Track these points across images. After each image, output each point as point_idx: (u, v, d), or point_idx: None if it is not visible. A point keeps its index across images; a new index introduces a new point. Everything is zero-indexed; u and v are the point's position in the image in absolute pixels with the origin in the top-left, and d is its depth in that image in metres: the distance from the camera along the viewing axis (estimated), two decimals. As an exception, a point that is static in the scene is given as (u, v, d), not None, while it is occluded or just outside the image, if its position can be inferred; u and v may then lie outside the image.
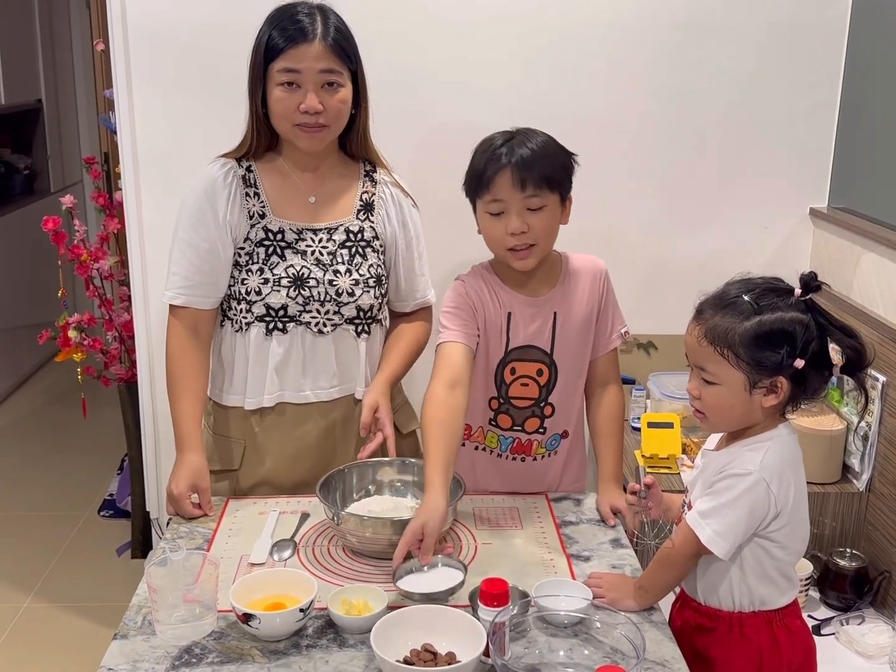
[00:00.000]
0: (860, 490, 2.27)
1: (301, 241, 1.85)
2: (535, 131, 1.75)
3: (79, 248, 2.99)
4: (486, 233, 1.77)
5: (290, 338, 1.85)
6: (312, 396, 1.89)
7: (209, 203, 1.82)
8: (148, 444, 2.67)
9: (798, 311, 1.39)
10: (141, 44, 2.41)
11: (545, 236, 1.74)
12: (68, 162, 5.56)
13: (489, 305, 1.81)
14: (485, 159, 1.72)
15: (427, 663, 1.29)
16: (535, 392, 1.83)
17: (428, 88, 2.50)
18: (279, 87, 1.75)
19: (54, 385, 4.92)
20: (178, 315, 1.86)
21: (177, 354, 1.86)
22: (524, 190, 1.69)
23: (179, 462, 1.81)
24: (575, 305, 1.82)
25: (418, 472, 1.79)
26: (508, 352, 1.82)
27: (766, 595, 1.47)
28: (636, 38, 2.52)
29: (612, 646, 1.39)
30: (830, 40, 2.54)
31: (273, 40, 1.74)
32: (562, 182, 1.73)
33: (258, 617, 1.38)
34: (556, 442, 1.88)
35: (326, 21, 1.76)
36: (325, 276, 1.84)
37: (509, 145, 1.71)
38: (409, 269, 1.97)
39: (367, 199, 1.91)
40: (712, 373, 1.43)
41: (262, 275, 1.83)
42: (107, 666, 1.36)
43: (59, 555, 3.34)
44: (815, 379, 1.41)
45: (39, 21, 5.09)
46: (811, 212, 2.66)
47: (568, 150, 1.77)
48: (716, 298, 1.44)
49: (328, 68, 1.74)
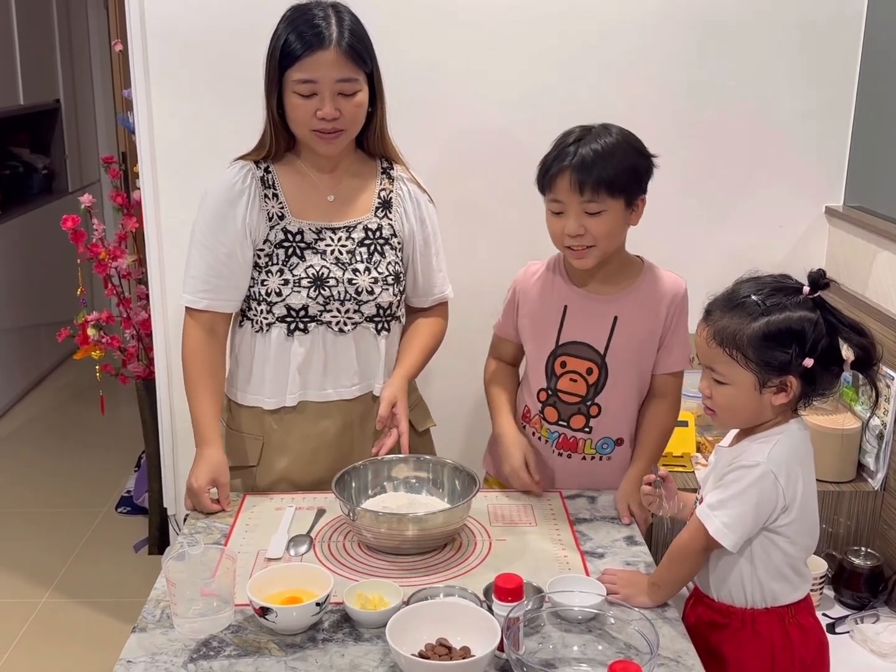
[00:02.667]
0: (875, 489, 2.26)
1: (320, 241, 1.86)
2: (610, 129, 1.73)
3: (97, 246, 3.01)
4: (549, 228, 1.78)
5: (312, 337, 1.86)
6: (335, 395, 1.90)
7: (228, 206, 1.83)
8: (165, 441, 2.69)
9: (806, 310, 1.39)
10: (159, 44, 2.43)
11: (604, 240, 1.73)
12: (86, 161, 5.60)
13: (544, 294, 1.83)
14: (553, 156, 1.73)
15: (442, 657, 1.30)
16: (583, 389, 1.83)
17: (443, 87, 2.50)
18: (296, 94, 1.75)
19: (73, 382, 4.96)
20: (195, 317, 1.87)
21: (194, 354, 1.87)
22: (582, 194, 1.68)
23: (199, 457, 1.82)
24: (641, 316, 1.80)
25: (433, 469, 1.81)
26: (560, 344, 1.83)
27: (777, 590, 1.47)
28: (652, 37, 2.52)
29: (626, 641, 1.39)
30: (846, 38, 2.54)
31: (289, 46, 1.73)
32: (627, 186, 1.70)
33: (275, 610, 1.39)
34: (608, 446, 1.87)
35: (341, 23, 1.74)
36: (344, 274, 1.85)
37: (577, 145, 1.70)
38: (427, 265, 1.97)
39: (384, 197, 1.91)
40: (722, 373, 1.44)
41: (282, 276, 1.84)
42: (126, 658, 1.38)
43: (77, 550, 3.37)
44: (825, 376, 1.42)
45: (58, 22, 5.12)
46: (826, 210, 2.65)
47: (644, 152, 1.74)
48: (724, 299, 1.45)
49: (344, 77, 1.74)
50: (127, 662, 1.37)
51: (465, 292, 2.10)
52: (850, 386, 2.39)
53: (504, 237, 2.56)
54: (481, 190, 2.54)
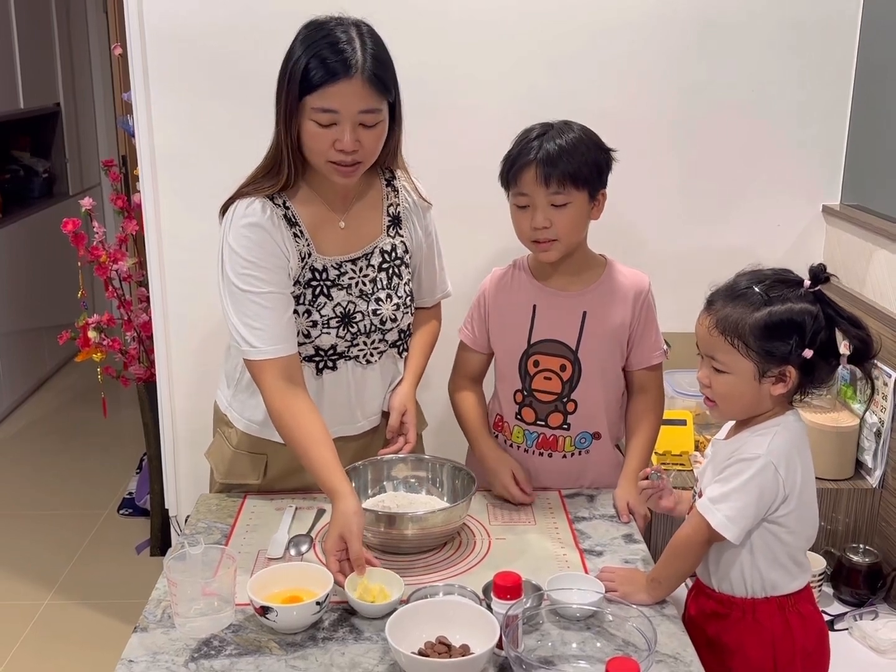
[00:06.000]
0: (873, 486, 2.27)
1: (343, 276, 1.78)
2: (572, 126, 1.77)
3: (98, 249, 3.02)
4: (514, 223, 1.81)
5: (340, 374, 1.81)
6: (367, 425, 1.89)
7: (265, 251, 1.69)
8: (166, 443, 2.69)
9: (807, 303, 1.42)
10: (158, 47, 2.44)
11: (569, 232, 1.76)
12: (87, 165, 5.61)
13: (512, 295, 1.85)
14: (516, 152, 1.75)
15: (441, 655, 1.31)
16: (558, 387, 1.85)
17: (442, 86, 2.50)
18: (313, 122, 1.62)
19: (74, 385, 4.97)
20: (267, 370, 1.68)
21: (284, 411, 1.68)
22: (548, 186, 1.72)
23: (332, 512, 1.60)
24: (610, 309, 1.83)
25: (432, 469, 1.82)
26: (532, 343, 1.84)
27: (777, 580, 1.49)
28: (650, 37, 2.52)
29: (625, 638, 1.40)
30: (842, 37, 2.54)
31: (310, 73, 1.58)
32: (590, 179, 1.74)
33: (275, 610, 1.40)
34: (586, 441, 1.89)
35: (365, 49, 1.60)
36: (368, 307, 1.80)
37: (540, 140, 1.73)
38: (431, 269, 1.96)
39: (393, 213, 1.85)
40: (722, 362, 1.46)
41: (310, 317, 1.76)
42: (127, 658, 1.39)
43: (79, 552, 3.38)
44: (823, 368, 1.45)
45: (57, 26, 5.14)
46: (824, 209, 2.66)
47: (604, 147, 1.78)
48: (727, 289, 1.48)
49: (368, 108, 1.61)
50: (128, 662, 1.38)
51: (462, 293, 2.10)
52: (848, 384, 2.40)
53: (503, 237, 2.55)
54: (481, 190, 2.54)
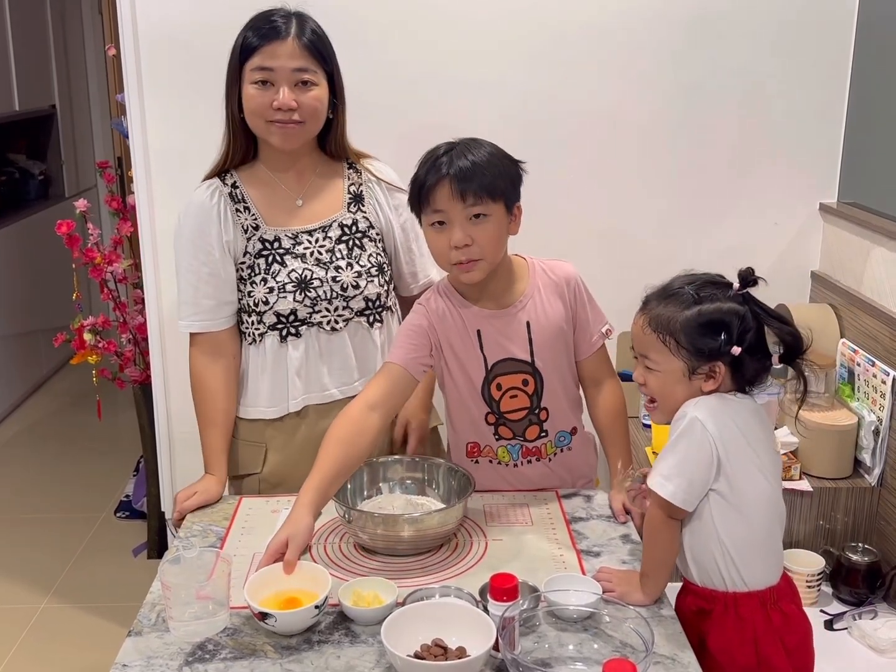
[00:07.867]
0: (872, 485, 2.27)
1: (298, 245, 1.87)
2: (479, 141, 1.70)
3: (93, 251, 3.02)
4: (432, 247, 1.72)
5: (305, 340, 1.88)
6: (339, 394, 1.92)
7: (201, 229, 1.85)
8: (163, 446, 2.69)
9: (736, 303, 1.47)
10: (152, 48, 2.44)
11: (491, 248, 1.68)
12: (82, 167, 5.61)
13: (454, 328, 1.77)
14: (425, 170, 1.67)
15: (437, 658, 1.30)
16: (526, 402, 1.81)
17: (432, 85, 2.50)
18: (253, 84, 1.78)
19: (70, 388, 4.96)
20: (196, 342, 1.91)
21: (197, 385, 1.91)
22: (465, 200, 1.64)
23: (202, 480, 1.90)
24: (547, 312, 1.78)
25: (428, 470, 1.81)
26: (489, 369, 1.78)
27: (754, 571, 1.49)
28: (645, 36, 2.52)
29: (622, 640, 1.39)
30: (838, 36, 2.55)
31: (247, 40, 1.78)
32: (506, 191, 1.68)
33: (275, 615, 1.39)
34: (565, 439, 1.88)
35: (302, 24, 1.79)
36: (327, 274, 1.87)
37: (449, 156, 1.65)
38: (408, 251, 1.98)
39: (354, 191, 1.93)
40: (655, 360, 1.51)
41: (267, 284, 1.85)
42: (121, 662, 1.38)
43: (76, 556, 3.37)
44: (753, 365, 1.48)
45: (52, 28, 5.14)
46: (821, 207, 2.66)
47: (514, 159, 1.72)
48: (661, 290, 1.53)
49: (302, 67, 1.77)
50: (122, 666, 1.37)
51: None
52: (847, 383, 2.40)
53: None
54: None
